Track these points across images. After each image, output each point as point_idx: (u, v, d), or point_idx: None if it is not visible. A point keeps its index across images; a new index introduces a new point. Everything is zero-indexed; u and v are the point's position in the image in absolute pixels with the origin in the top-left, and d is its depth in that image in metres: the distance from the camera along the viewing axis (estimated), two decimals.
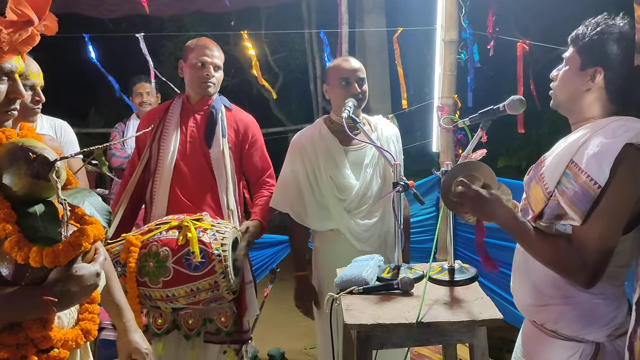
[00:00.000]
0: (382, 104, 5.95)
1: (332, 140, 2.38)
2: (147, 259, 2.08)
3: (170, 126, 2.44)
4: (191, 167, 2.42)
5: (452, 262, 2.00)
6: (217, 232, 2.12)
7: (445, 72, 3.24)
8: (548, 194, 1.44)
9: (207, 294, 2.11)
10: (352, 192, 2.35)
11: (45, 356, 1.13)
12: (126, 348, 1.49)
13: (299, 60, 8.16)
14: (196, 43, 2.46)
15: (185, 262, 2.06)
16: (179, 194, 2.40)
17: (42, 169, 1.06)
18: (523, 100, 1.77)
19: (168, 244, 2.08)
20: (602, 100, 1.49)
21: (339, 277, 1.94)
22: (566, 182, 1.39)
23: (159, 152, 2.43)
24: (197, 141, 2.43)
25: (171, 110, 2.48)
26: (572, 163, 1.40)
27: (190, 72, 2.43)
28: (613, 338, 1.46)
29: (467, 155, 1.90)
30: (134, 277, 2.05)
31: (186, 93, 2.51)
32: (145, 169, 2.46)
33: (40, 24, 1.16)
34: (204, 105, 2.48)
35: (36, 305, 1.06)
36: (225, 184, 2.41)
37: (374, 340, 1.69)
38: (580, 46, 1.51)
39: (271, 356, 3.66)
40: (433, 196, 3.37)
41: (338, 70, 2.35)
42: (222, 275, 2.08)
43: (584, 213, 1.36)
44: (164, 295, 2.09)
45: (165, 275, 2.06)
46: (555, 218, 1.43)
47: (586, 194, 1.35)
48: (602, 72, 1.47)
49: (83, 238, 1.08)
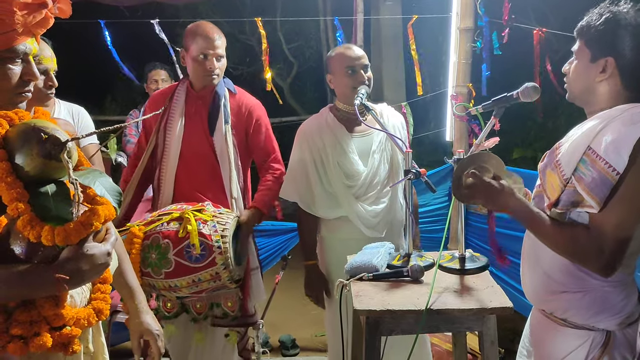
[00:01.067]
0: (396, 92, 5.91)
1: (339, 127, 2.38)
2: (150, 250, 2.11)
3: (175, 114, 2.45)
4: (196, 155, 2.43)
5: (462, 250, 1.99)
6: (218, 223, 2.14)
7: (460, 60, 3.21)
8: (565, 181, 1.42)
9: (209, 284, 2.14)
10: (359, 179, 2.35)
11: (57, 334, 1.15)
12: (138, 329, 1.51)
13: (313, 49, 8.14)
14: (196, 32, 2.39)
15: (186, 254, 2.08)
16: (184, 181, 2.41)
17: (53, 149, 1.08)
18: (537, 88, 1.75)
19: (169, 236, 2.11)
20: (617, 88, 1.47)
21: (349, 263, 1.95)
22: (584, 168, 1.38)
23: (165, 140, 2.44)
24: (200, 128, 2.44)
25: (176, 96, 2.47)
26: (590, 150, 1.38)
27: (193, 64, 2.41)
28: (624, 326, 1.45)
29: (480, 144, 1.89)
30: (137, 268, 2.07)
31: (190, 79, 2.50)
32: (152, 156, 2.47)
33: (54, 6, 1.17)
34: (208, 91, 2.47)
35: (48, 282, 1.08)
36: (229, 171, 2.42)
37: (383, 326, 1.70)
38: (587, 38, 1.49)
39: (282, 342, 3.70)
40: (445, 185, 3.35)
41: (343, 59, 2.34)
42: (223, 267, 2.11)
43: (602, 200, 1.35)
44: (167, 285, 2.13)
45: (167, 267, 2.09)
46: (572, 205, 1.42)
47: (604, 181, 1.34)
48: (613, 62, 1.45)
49: (94, 218, 1.10)
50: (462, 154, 1.94)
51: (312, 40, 8.02)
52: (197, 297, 2.24)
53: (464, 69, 3.20)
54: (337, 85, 2.39)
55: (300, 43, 8.23)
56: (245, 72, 8.61)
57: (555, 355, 1.51)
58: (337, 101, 2.44)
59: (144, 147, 2.50)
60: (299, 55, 8.31)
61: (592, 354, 1.45)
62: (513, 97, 1.78)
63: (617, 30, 1.44)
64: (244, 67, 8.61)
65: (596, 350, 1.45)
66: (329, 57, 2.44)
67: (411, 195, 2.06)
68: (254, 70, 8.47)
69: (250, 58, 8.37)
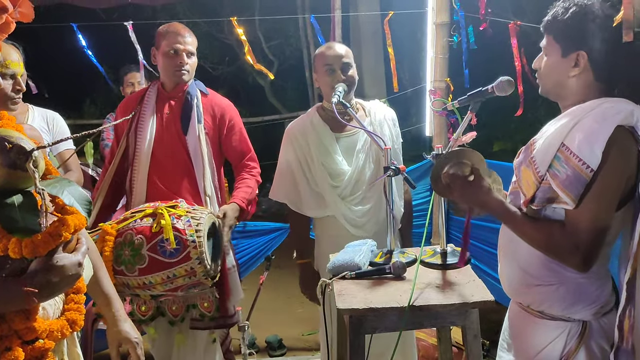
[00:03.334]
0: (376, 88, 5.92)
1: (323, 127, 2.38)
2: (123, 247, 2.08)
3: (146, 114, 2.44)
4: (168, 154, 2.42)
5: (444, 245, 1.99)
6: (192, 219, 2.12)
7: (437, 55, 3.21)
8: (540, 178, 1.43)
9: (184, 280, 2.11)
10: (344, 178, 2.35)
11: (30, 347, 1.13)
12: (116, 338, 1.48)
13: (293, 47, 8.11)
14: (167, 30, 2.42)
15: (160, 249, 2.06)
16: (157, 181, 2.40)
17: (18, 158, 1.05)
18: (511, 81, 1.75)
19: (142, 231, 2.08)
20: (590, 82, 1.47)
21: (331, 262, 1.94)
22: (558, 165, 1.39)
23: (136, 141, 2.42)
24: (173, 128, 2.43)
25: (147, 98, 2.47)
26: (563, 146, 1.39)
27: (163, 60, 2.41)
28: (599, 316, 1.46)
29: (458, 138, 1.89)
30: (110, 266, 2.04)
31: (161, 80, 2.50)
32: (124, 157, 2.46)
33: (15, 11, 1.14)
34: (179, 91, 2.46)
35: (17, 296, 1.05)
36: (202, 170, 2.41)
37: (367, 324, 1.69)
38: (556, 33, 1.49)
39: (269, 343, 3.68)
40: (426, 181, 3.35)
41: (322, 58, 2.35)
42: (197, 261, 2.08)
43: (576, 196, 1.36)
44: (141, 282, 2.09)
45: (141, 263, 2.06)
46: (548, 201, 1.43)
47: (578, 178, 1.35)
48: (586, 55, 1.45)
49: (63, 228, 1.07)
50: (441, 149, 1.94)
51: (292, 38, 8.00)
52: (172, 296, 2.20)
53: (441, 64, 3.20)
54: (320, 84, 2.40)
55: (280, 41, 8.20)
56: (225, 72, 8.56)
57: (533, 348, 1.52)
58: (323, 101, 2.44)
59: (115, 152, 2.48)
60: (278, 54, 8.28)
61: (569, 344, 1.46)
62: (488, 91, 1.78)
63: (586, 23, 1.43)
64: (223, 66, 8.56)
65: (573, 340, 1.46)
66: (314, 56, 2.45)
67: (391, 192, 2.06)
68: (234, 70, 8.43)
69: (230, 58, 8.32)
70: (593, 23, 1.43)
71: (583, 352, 1.45)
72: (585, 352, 1.45)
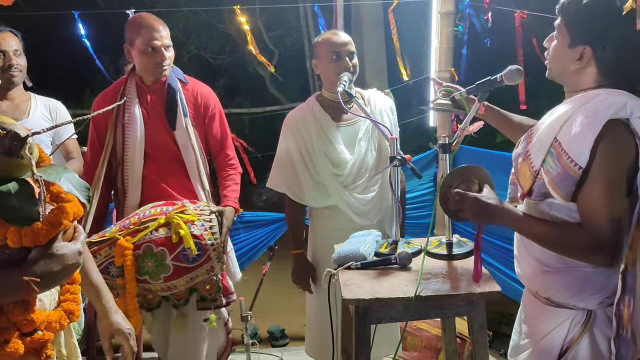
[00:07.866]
0: (378, 79, 5.87)
1: (324, 116, 2.35)
2: (145, 259, 2.09)
3: (131, 111, 2.36)
4: (159, 151, 2.38)
5: (449, 236, 1.97)
6: (205, 221, 2.15)
7: (441, 45, 3.17)
8: (534, 173, 1.45)
9: (204, 277, 2.18)
10: (346, 167, 2.32)
11: (29, 339, 1.10)
12: (108, 329, 1.46)
13: (294, 38, 8.03)
14: (140, 24, 2.30)
15: (183, 257, 2.09)
16: (150, 180, 2.37)
17: (13, 145, 1.01)
18: (521, 70, 1.73)
19: (162, 244, 2.09)
20: (593, 75, 1.47)
21: (336, 252, 1.92)
22: (551, 161, 1.41)
23: (125, 139, 2.36)
24: (159, 123, 2.38)
25: (128, 93, 2.38)
26: (556, 142, 1.41)
27: (141, 58, 2.32)
28: (604, 306, 1.46)
29: (465, 128, 1.86)
30: (133, 278, 2.08)
31: (138, 74, 2.41)
32: (112, 155, 2.39)
33: None
34: (160, 85, 2.40)
35: (17, 286, 1.02)
36: (195, 163, 2.39)
37: (372, 314, 1.68)
38: (568, 20, 1.47)
39: (271, 333, 3.68)
40: (430, 171, 3.33)
41: (328, 44, 2.30)
42: (217, 260, 2.14)
43: (567, 194, 1.38)
44: (165, 287, 2.14)
45: (166, 272, 2.10)
46: (544, 196, 1.45)
47: (568, 176, 1.37)
48: (590, 52, 1.44)
49: (62, 216, 1.04)
50: (447, 138, 1.91)
51: (293, 29, 7.92)
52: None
53: (446, 54, 3.17)
54: (322, 71, 2.35)
55: (281, 31, 8.12)
56: (225, 62, 8.50)
57: (539, 333, 1.55)
58: (323, 89, 2.41)
59: (97, 149, 2.40)
60: (279, 44, 8.20)
61: (572, 332, 1.47)
62: (497, 80, 1.76)
63: (599, 16, 1.41)
64: (223, 56, 8.49)
65: (576, 328, 1.47)
66: (315, 42, 2.40)
67: (398, 182, 2.04)
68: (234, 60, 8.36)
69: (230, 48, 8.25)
70: (607, 17, 1.40)
71: (586, 340, 1.45)
72: (588, 340, 1.45)
